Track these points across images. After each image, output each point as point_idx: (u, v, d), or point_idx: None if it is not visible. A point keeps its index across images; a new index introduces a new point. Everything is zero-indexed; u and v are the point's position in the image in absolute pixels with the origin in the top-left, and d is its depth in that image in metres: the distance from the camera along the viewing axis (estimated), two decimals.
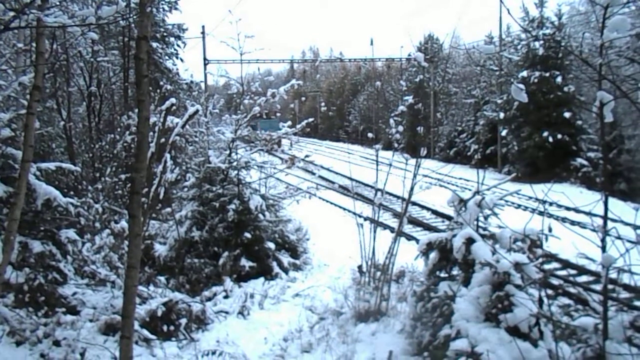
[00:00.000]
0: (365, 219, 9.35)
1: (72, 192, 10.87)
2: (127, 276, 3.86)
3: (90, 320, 6.97)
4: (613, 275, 4.22)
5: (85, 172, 14.77)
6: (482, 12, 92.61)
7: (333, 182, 18.20)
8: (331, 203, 19.50)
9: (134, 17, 5.31)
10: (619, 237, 3.99)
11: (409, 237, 13.39)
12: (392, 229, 13.05)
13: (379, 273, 7.96)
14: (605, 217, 4.07)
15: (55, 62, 13.81)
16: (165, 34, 20.32)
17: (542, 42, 24.70)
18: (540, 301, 4.75)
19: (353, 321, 7.47)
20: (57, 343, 6.37)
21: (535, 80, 24.67)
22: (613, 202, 4.41)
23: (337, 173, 23.54)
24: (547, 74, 24.75)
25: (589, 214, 4.77)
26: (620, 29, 3.35)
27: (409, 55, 39.38)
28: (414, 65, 41.56)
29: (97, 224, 9.72)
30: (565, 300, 7.37)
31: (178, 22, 21.02)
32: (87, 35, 9.54)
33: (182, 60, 21.27)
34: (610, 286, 4.24)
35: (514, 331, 4.70)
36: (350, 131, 63.35)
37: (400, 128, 8.93)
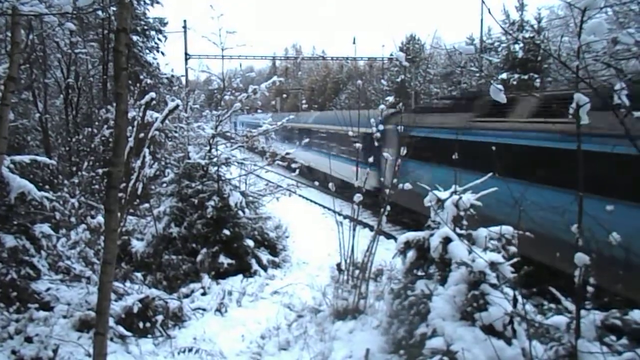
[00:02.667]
0: (345, 217, 9.38)
1: (47, 186, 10.69)
2: (102, 272, 3.80)
3: (64, 317, 6.85)
4: None
5: (62, 166, 14.52)
6: (464, 14, 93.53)
7: (313, 180, 18.22)
8: (311, 201, 19.50)
9: (114, 7, 5.23)
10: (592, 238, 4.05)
11: (388, 236, 13.47)
12: (371, 228, 13.11)
13: (357, 271, 7.98)
14: (579, 218, 4.14)
15: (32, 52, 13.54)
16: (146, 27, 20.04)
17: (521, 45, 25.05)
18: (515, 300, 4.81)
19: (331, 319, 7.49)
20: (29, 339, 6.25)
21: (515, 82, 25.02)
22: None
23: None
24: (526, 77, 25.14)
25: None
26: (597, 32, 3.40)
27: (391, 54, 39.48)
28: (396, 65, 41.72)
29: (73, 219, 9.57)
30: (539, 300, 7.47)
31: (159, 16, 20.80)
32: (64, 26, 9.37)
33: (163, 54, 21.00)
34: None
35: (489, 330, 4.76)
36: None
37: (381, 127, 8.98)
